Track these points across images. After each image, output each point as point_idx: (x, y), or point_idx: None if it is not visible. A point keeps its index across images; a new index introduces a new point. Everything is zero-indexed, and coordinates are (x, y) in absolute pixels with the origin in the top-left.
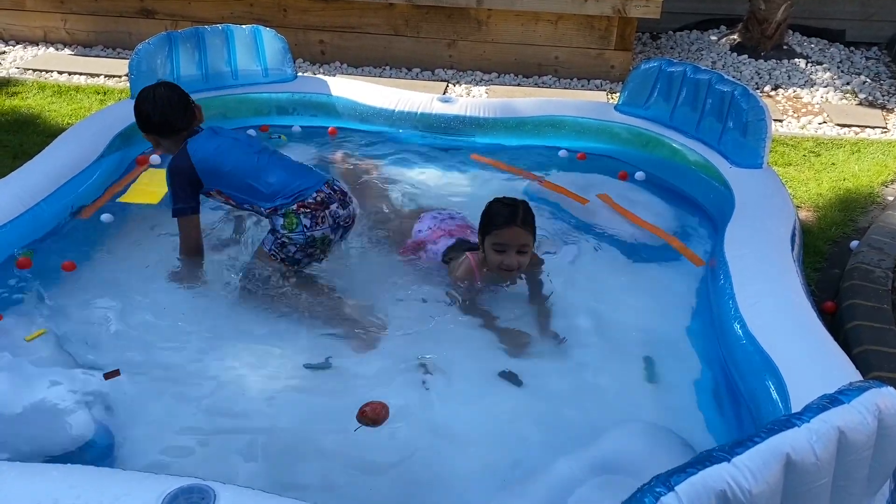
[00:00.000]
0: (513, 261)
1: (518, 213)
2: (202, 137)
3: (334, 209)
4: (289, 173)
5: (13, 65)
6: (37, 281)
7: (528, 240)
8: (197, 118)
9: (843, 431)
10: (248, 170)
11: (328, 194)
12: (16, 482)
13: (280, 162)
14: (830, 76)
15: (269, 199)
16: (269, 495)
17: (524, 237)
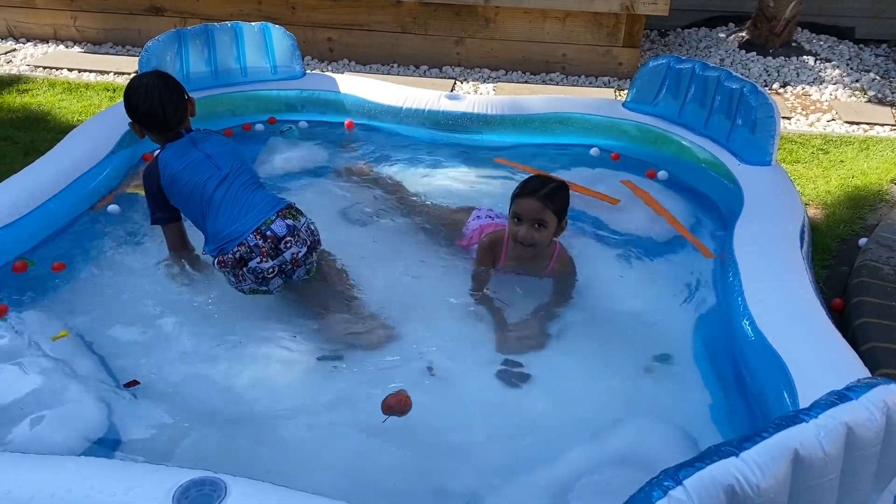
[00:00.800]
0: (526, 232)
1: (543, 187)
2: (178, 147)
3: (255, 265)
4: (234, 213)
5: (23, 62)
6: (52, 279)
7: (546, 216)
8: (188, 115)
9: (851, 427)
10: (202, 202)
11: (251, 248)
12: (31, 473)
13: (235, 196)
14: (839, 73)
15: (207, 242)
16: (280, 487)
17: (542, 212)
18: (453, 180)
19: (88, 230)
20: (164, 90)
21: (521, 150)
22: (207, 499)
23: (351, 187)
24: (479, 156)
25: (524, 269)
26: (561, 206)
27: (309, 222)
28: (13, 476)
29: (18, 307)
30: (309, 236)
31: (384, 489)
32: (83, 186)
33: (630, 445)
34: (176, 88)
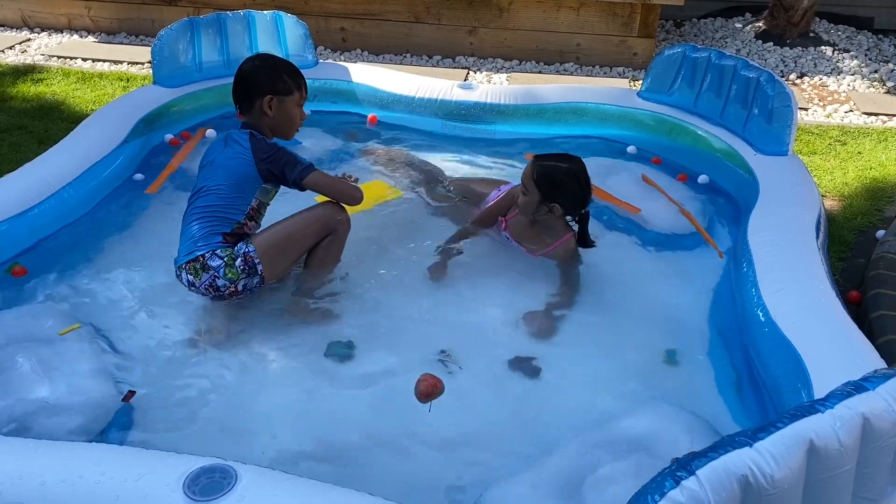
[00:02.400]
0: (518, 190)
1: (545, 160)
2: (217, 140)
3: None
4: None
5: (38, 52)
6: (67, 268)
7: (530, 185)
8: (254, 110)
9: (868, 418)
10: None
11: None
12: (43, 459)
13: (185, 217)
14: (858, 64)
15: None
16: (290, 475)
17: (527, 178)
18: (467, 168)
19: (103, 220)
20: (246, 73)
21: (533, 141)
22: (218, 486)
23: (366, 170)
24: (493, 145)
25: (525, 240)
26: (547, 185)
27: (213, 279)
28: (25, 461)
29: (31, 294)
30: (212, 292)
31: (393, 478)
32: (97, 174)
33: (643, 436)
34: (254, 78)
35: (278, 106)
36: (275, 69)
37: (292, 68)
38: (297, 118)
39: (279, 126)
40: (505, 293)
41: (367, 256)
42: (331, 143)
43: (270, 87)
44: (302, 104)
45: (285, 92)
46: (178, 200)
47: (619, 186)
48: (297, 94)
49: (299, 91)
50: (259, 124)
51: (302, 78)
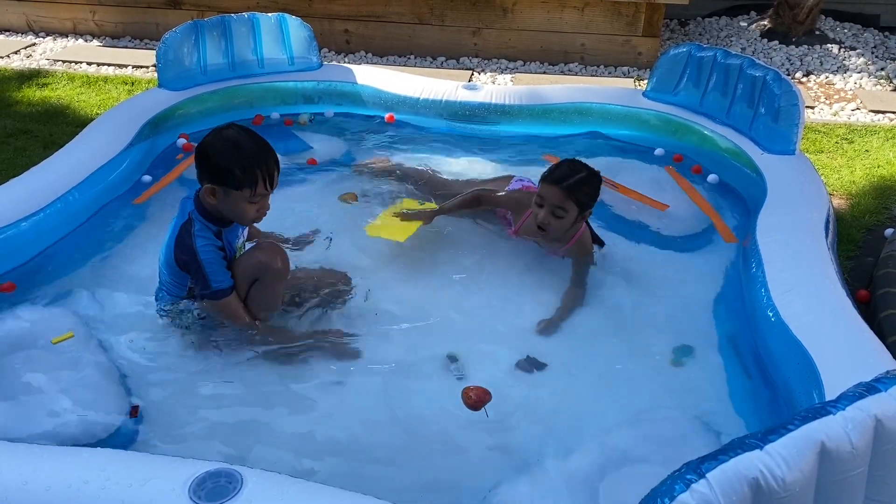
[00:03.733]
0: (543, 217)
1: (566, 175)
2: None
3: None
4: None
5: (43, 56)
6: (76, 268)
7: (566, 204)
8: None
9: (881, 420)
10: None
11: None
12: (48, 464)
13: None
14: (864, 62)
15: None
16: (296, 479)
17: (560, 199)
18: (473, 169)
19: (109, 224)
20: (203, 143)
21: (539, 140)
22: (223, 490)
23: (367, 177)
24: (498, 145)
25: (540, 241)
26: (586, 197)
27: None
28: (30, 467)
29: (38, 299)
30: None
31: (401, 480)
32: (102, 178)
33: (653, 438)
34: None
35: (223, 197)
36: (229, 155)
37: (252, 158)
38: (249, 212)
39: (228, 214)
40: (515, 293)
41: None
42: (336, 147)
43: (214, 175)
44: (259, 201)
45: (231, 185)
46: None
47: (625, 184)
48: (248, 190)
49: (251, 188)
50: (205, 204)
51: (261, 171)
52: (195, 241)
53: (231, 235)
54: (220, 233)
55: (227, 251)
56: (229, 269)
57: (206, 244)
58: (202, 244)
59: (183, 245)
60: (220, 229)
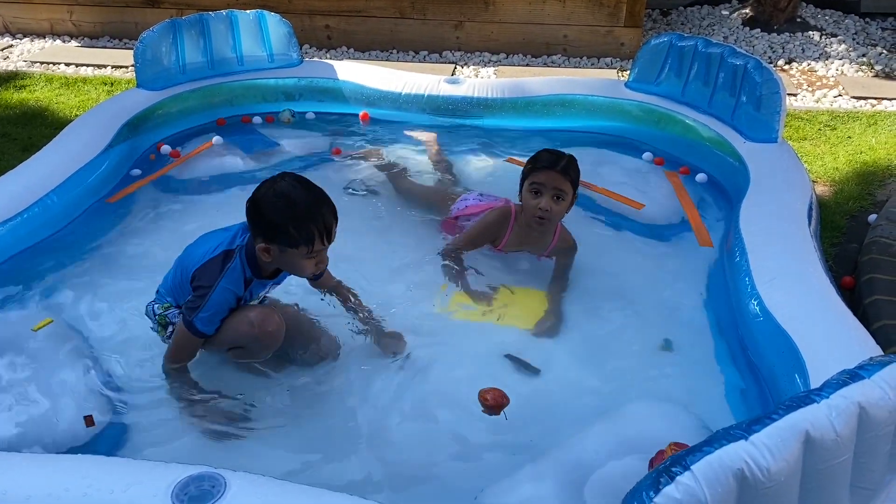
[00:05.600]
0: (546, 204)
1: (562, 160)
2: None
3: None
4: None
5: (20, 58)
6: (44, 271)
7: (566, 187)
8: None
9: (864, 407)
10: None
11: None
12: (27, 472)
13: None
14: (846, 48)
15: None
16: (280, 481)
17: (562, 182)
18: (454, 165)
19: (89, 225)
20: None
21: (522, 133)
22: (207, 494)
23: (346, 170)
24: (478, 141)
25: (526, 248)
26: (577, 177)
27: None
28: (9, 476)
29: (17, 303)
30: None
31: (388, 478)
32: (81, 181)
33: (640, 431)
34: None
35: (278, 255)
36: (283, 212)
37: (308, 214)
38: (307, 268)
39: (285, 268)
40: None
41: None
42: (315, 144)
43: (268, 234)
44: (317, 255)
45: (286, 244)
46: (162, 209)
47: (608, 177)
48: (304, 248)
49: (308, 246)
50: (259, 259)
51: (318, 228)
52: (221, 279)
53: (260, 287)
54: (251, 282)
55: (244, 299)
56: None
57: (228, 289)
58: (224, 286)
59: (208, 271)
60: (255, 279)
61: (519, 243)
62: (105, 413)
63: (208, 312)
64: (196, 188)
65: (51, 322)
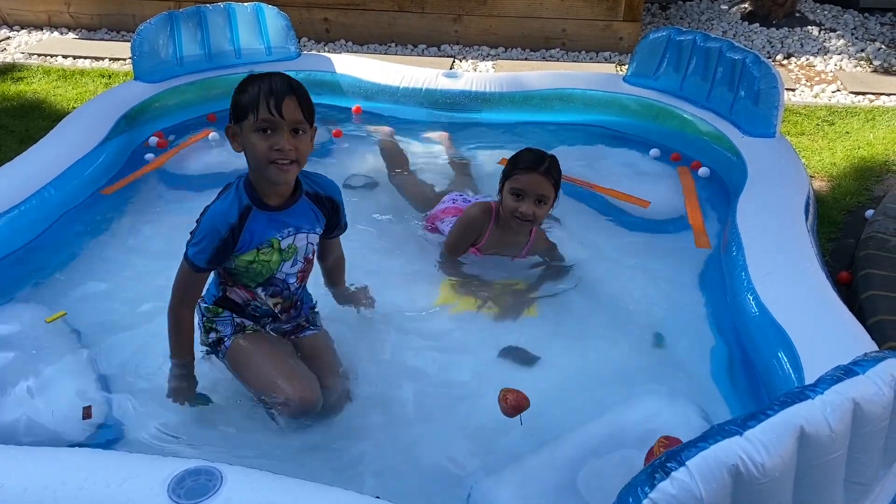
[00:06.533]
0: (528, 209)
1: (543, 161)
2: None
3: None
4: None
5: (18, 50)
6: (54, 264)
7: (549, 191)
8: None
9: (859, 403)
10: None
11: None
12: (24, 465)
13: None
14: (844, 43)
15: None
16: (276, 475)
17: (544, 187)
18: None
19: (88, 216)
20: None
21: (521, 128)
22: (203, 488)
23: (347, 163)
24: (473, 134)
25: (503, 251)
26: (559, 178)
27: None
28: (5, 468)
29: (14, 295)
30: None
31: (382, 472)
32: (79, 173)
33: (635, 426)
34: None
35: (241, 138)
36: (238, 87)
37: (255, 79)
38: (259, 148)
39: (252, 164)
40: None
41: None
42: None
43: (230, 114)
44: (270, 133)
45: (237, 117)
46: (159, 200)
47: (606, 171)
48: (252, 116)
49: (254, 113)
50: (254, 185)
51: (263, 91)
52: (214, 203)
53: (265, 224)
54: (250, 212)
55: (246, 239)
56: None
57: (218, 213)
58: (214, 209)
59: (202, 213)
60: (253, 208)
61: (497, 243)
62: (102, 406)
63: (198, 238)
64: (194, 181)
65: (64, 315)
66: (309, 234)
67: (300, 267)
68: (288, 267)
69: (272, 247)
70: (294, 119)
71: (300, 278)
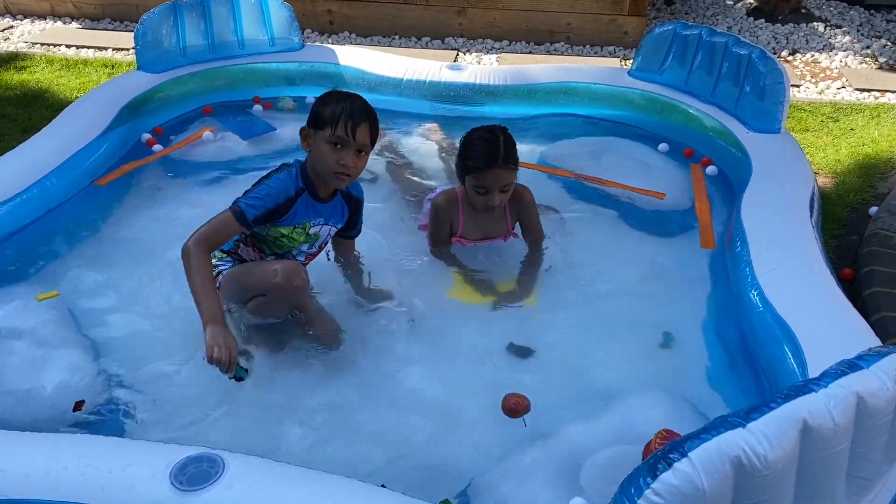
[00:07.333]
0: (495, 200)
1: (498, 152)
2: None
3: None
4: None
5: (21, 39)
6: (52, 250)
7: (512, 177)
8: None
9: (862, 397)
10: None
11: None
12: (26, 451)
13: None
14: (850, 40)
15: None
16: (278, 463)
17: (507, 176)
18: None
19: (86, 206)
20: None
21: (524, 120)
22: (205, 475)
23: None
24: None
25: (489, 232)
26: (516, 157)
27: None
28: (7, 454)
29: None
30: None
31: (383, 461)
32: (80, 163)
33: (637, 418)
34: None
35: (312, 141)
36: (321, 98)
37: (338, 100)
38: (328, 160)
39: (314, 165)
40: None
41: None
42: None
43: (308, 120)
44: (340, 147)
45: (314, 124)
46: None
47: (614, 166)
48: (328, 129)
49: (332, 127)
50: (308, 164)
51: (344, 112)
52: (276, 174)
53: (308, 209)
54: (301, 194)
55: (291, 214)
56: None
57: (280, 182)
58: (278, 178)
59: (259, 181)
60: (305, 192)
61: (476, 225)
62: (103, 392)
63: (256, 197)
64: (193, 172)
65: (56, 295)
66: (332, 228)
67: (314, 251)
68: (305, 248)
69: (304, 229)
70: (362, 143)
71: (308, 260)
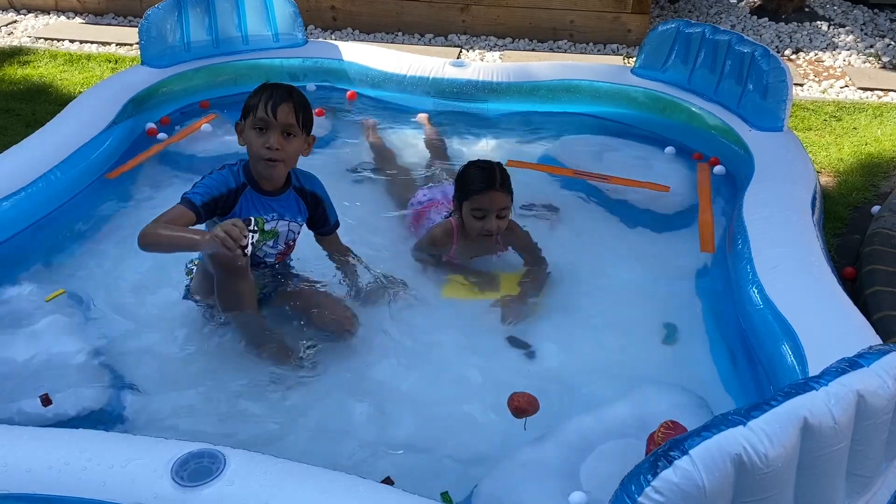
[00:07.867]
0: (493, 226)
1: (496, 177)
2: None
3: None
4: None
5: (24, 34)
6: (56, 245)
7: (507, 202)
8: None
9: (863, 395)
10: None
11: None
12: (28, 446)
13: None
14: (853, 39)
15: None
16: (279, 459)
17: (503, 200)
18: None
19: (91, 201)
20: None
21: (528, 118)
22: (206, 471)
23: (346, 154)
24: (480, 124)
25: (479, 254)
26: (510, 184)
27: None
28: (9, 449)
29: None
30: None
31: (385, 457)
32: (85, 157)
33: (637, 415)
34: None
35: (244, 132)
36: (252, 91)
37: (262, 87)
38: (255, 143)
39: (250, 156)
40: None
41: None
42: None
43: (242, 111)
44: (265, 131)
45: (243, 115)
46: (164, 185)
47: (613, 164)
48: (251, 116)
49: (253, 112)
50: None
51: (265, 96)
52: (216, 171)
53: (255, 203)
54: (245, 188)
55: (238, 209)
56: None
57: (221, 176)
58: (218, 173)
59: (201, 178)
60: (248, 187)
61: (467, 251)
62: (105, 388)
63: (200, 186)
64: (199, 164)
65: (63, 293)
66: (290, 223)
67: (280, 249)
68: (269, 247)
69: (258, 225)
70: (286, 122)
71: (278, 258)
